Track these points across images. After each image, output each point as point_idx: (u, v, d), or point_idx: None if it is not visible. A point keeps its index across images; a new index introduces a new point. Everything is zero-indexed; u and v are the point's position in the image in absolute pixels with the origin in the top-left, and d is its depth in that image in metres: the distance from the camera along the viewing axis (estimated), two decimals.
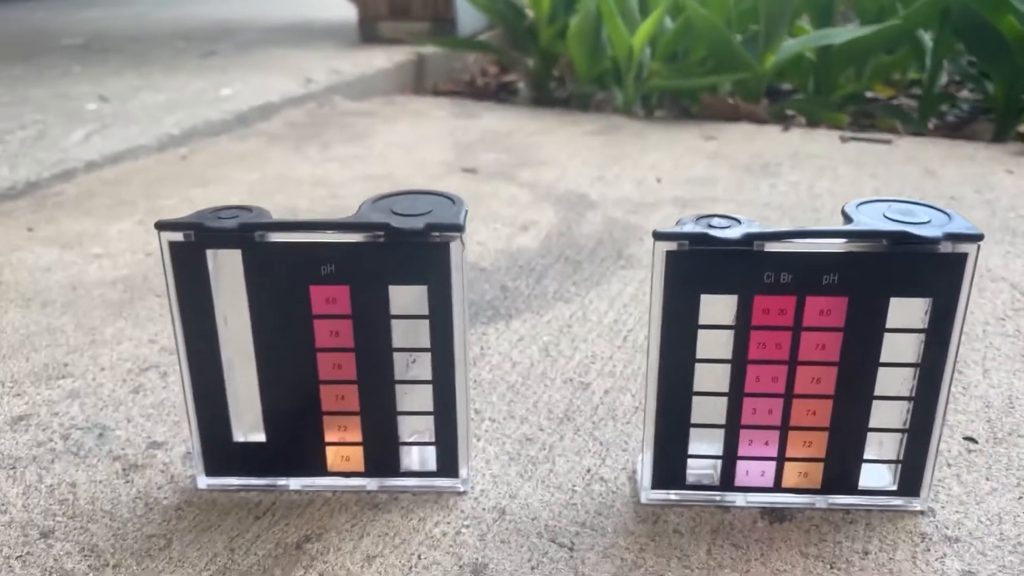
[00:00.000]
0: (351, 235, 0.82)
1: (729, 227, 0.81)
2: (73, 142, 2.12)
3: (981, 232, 0.80)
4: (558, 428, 1.04)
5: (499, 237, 1.61)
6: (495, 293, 1.39)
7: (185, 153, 2.16)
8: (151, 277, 1.45)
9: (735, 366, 0.85)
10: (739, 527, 0.87)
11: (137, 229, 1.67)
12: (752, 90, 2.58)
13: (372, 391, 0.88)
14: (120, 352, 1.22)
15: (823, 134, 2.38)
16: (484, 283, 1.42)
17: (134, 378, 1.15)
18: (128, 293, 1.40)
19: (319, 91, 2.71)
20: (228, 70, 2.94)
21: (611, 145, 2.27)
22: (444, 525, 0.88)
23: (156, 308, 1.34)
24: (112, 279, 1.45)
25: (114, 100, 2.54)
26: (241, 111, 2.44)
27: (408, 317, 0.85)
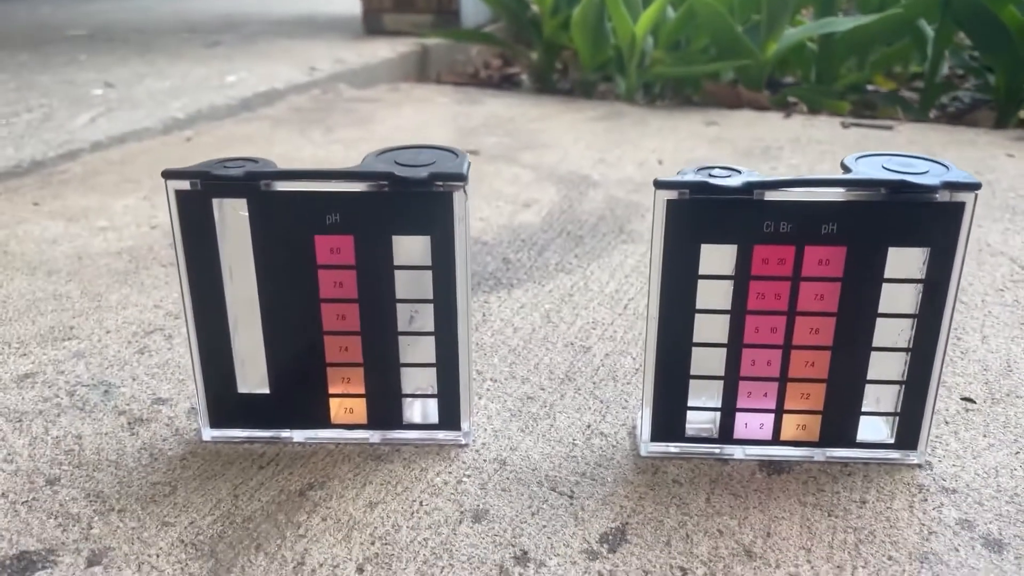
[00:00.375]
0: (356, 184, 0.82)
1: (729, 176, 0.81)
2: (79, 124, 2.12)
3: (978, 181, 0.80)
4: (559, 387, 1.04)
5: (501, 213, 1.61)
6: (497, 265, 1.39)
7: (190, 135, 2.15)
8: (156, 248, 1.45)
9: (734, 317, 0.85)
10: (737, 478, 0.87)
11: (142, 204, 1.67)
12: (754, 78, 2.58)
13: (375, 343, 0.88)
14: (125, 316, 1.22)
15: (824, 120, 2.38)
16: (486, 256, 1.42)
17: (139, 340, 1.15)
18: (133, 263, 1.40)
19: (323, 79, 2.71)
20: (233, 59, 2.94)
21: (613, 130, 2.27)
22: (446, 475, 0.88)
23: (162, 276, 1.34)
24: (117, 250, 1.45)
25: (119, 86, 2.53)
26: (246, 96, 2.44)
27: (411, 268, 0.85)
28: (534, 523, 0.81)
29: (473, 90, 2.79)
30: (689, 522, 0.82)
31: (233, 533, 0.80)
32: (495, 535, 0.80)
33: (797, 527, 0.81)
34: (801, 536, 0.80)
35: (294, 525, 0.81)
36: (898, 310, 0.84)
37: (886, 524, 0.82)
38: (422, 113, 2.45)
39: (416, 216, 0.83)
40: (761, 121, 2.36)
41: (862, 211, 0.80)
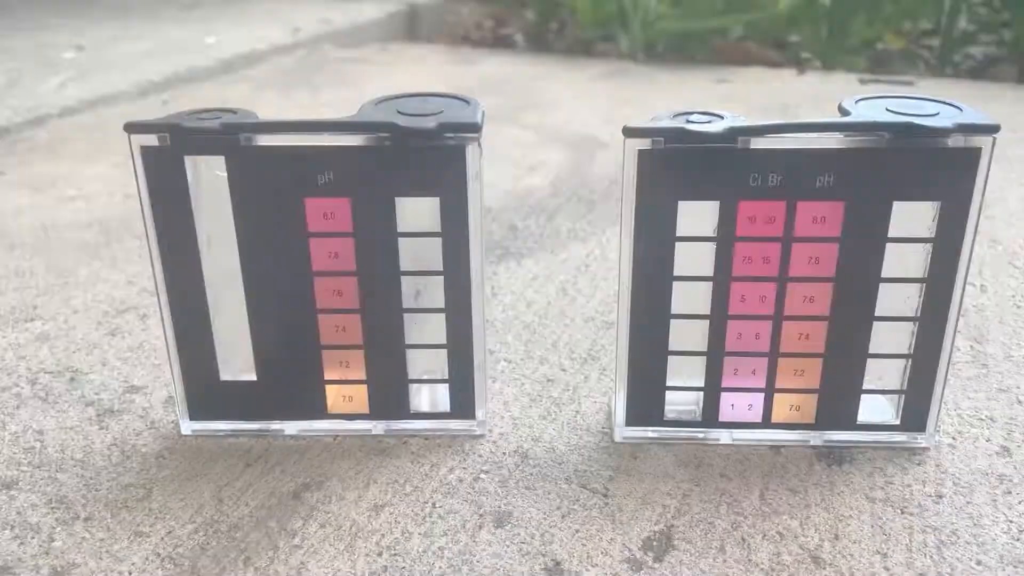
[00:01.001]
0: (352, 137, 0.74)
1: (710, 122, 0.73)
2: (48, 89, 2.06)
3: (997, 123, 0.72)
4: (582, 368, 0.97)
5: (505, 177, 1.55)
6: (504, 232, 1.32)
7: (167, 99, 2.09)
8: (130, 219, 1.37)
9: (718, 284, 0.78)
10: (793, 470, 0.80)
11: (115, 172, 1.59)
12: (765, 35, 2.52)
13: (377, 321, 0.81)
14: (95, 294, 1.14)
15: (840, 77, 2.33)
16: (492, 222, 1.36)
17: (110, 320, 1.07)
18: (104, 235, 1.32)
19: (308, 40, 2.65)
20: (212, 20, 2.88)
21: (619, 89, 2.22)
22: (460, 471, 0.81)
23: (135, 250, 1.26)
24: (87, 221, 1.37)
25: (92, 49, 2.47)
26: (226, 58, 2.38)
27: (418, 235, 0.78)
28: (565, 527, 0.74)
29: (466, 50, 2.75)
30: (744, 523, 0.74)
31: (217, 544, 0.73)
32: (521, 542, 0.72)
33: (868, 527, 0.74)
34: (874, 538, 0.72)
35: (288, 533, 0.74)
36: (904, 274, 0.77)
37: (969, 522, 0.74)
38: (414, 74, 2.40)
39: (423, 174, 0.75)
40: (774, 78, 2.31)
41: (862, 160, 0.73)
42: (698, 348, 0.81)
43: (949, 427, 0.86)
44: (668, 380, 0.82)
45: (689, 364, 0.82)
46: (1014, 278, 1.16)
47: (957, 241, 0.75)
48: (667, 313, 0.79)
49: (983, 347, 0.99)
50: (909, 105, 0.76)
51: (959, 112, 0.74)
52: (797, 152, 0.73)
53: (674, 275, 0.77)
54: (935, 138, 0.72)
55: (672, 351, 0.81)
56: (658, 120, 0.74)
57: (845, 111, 0.75)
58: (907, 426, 0.83)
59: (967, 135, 0.72)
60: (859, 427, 0.83)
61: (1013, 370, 0.95)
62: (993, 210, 1.38)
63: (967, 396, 0.91)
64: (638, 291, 0.78)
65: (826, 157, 0.73)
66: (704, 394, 0.82)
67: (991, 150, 0.72)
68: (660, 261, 0.77)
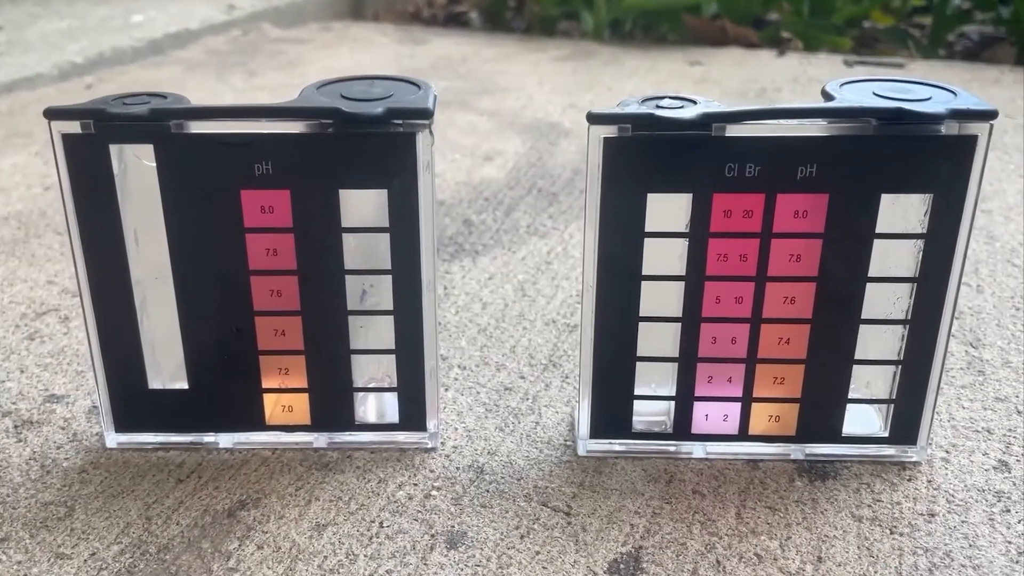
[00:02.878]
0: (291, 124, 0.74)
1: (682, 108, 0.73)
2: None
3: (994, 108, 0.72)
4: (543, 375, 0.97)
5: (459, 168, 1.55)
6: (458, 228, 1.32)
7: (91, 82, 2.08)
8: (51, 213, 1.37)
9: (690, 284, 0.78)
10: (772, 487, 0.81)
11: (34, 161, 1.58)
12: (741, 12, 2.53)
13: (319, 325, 0.81)
14: (12, 295, 1.13)
15: (824, 59, 2.34)
16: (444, 217, 1.36)
17: (29, 323, 1.07)
18: (23, 230, 1.31)
19: (244, 17, 2.65)
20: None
21: (583, 71, 2.22)
22: (410, 487, 0.81)
23: (56, 247, 1.26)
24: (3, 215, 1.37)
25: (9, 28, 2.45)
26: (154, 38, 2.36)
27: (364, 230, 0.78)
28: (524, 548, 0.74)
29: (417, 29, 2.75)
30: (719, 545, 0.74)
31: (146, 567, 0.73)
32: (476, 565, 0.73)
33: (854, 549, 0.74)
34: (860, 561, 0.73)
35: (223, 555, 0.73)
36: (893, 273, 0.77)
37: (964, 543, 0.75)
38: (360, 55, 2.39)
39: (369, 164, 0.75)
40: (752, 59, 2.32)
41: (848, 149, 0.73)
42: (669, 353, 0.81)
43: (942, 439, 0.86)
44: (636, 388, 0.82)
45: (659, 371, 0.82)
46: (1013, 277, 1.17)
47: (951, 237, 0.75)
48: (635, 315, 0.79)
49: (979, 352, 1.00)
50: (899, 89, 0.76)
51: (953, 97, 0.74)
52: (776, 140, 0.73)
53: (643, 274, 0.77)
54: (927, 125, 0.72)
55: (641, 357, 0.81)
56: (625, 105, 0.74)
57: (829, 96, 0.76)
58: (896, 438, 0.83)
59: (962, 122, 0.72)
60: (844, 439, 0.83)
61: (1012, 377, 0.96)
62: (990, 203, 1.39)
63: (962, 406, 0.91)
64: (604, 291, 0.78)
65: (808, 146, 0.73)
66: (675, 404, 0.83)
67: (988, 138, 0.72)
68: (628, 259, 0.77)
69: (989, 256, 1.22)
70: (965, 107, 0.72)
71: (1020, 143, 1.64)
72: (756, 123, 0.73)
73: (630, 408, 0.83)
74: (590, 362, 0.81)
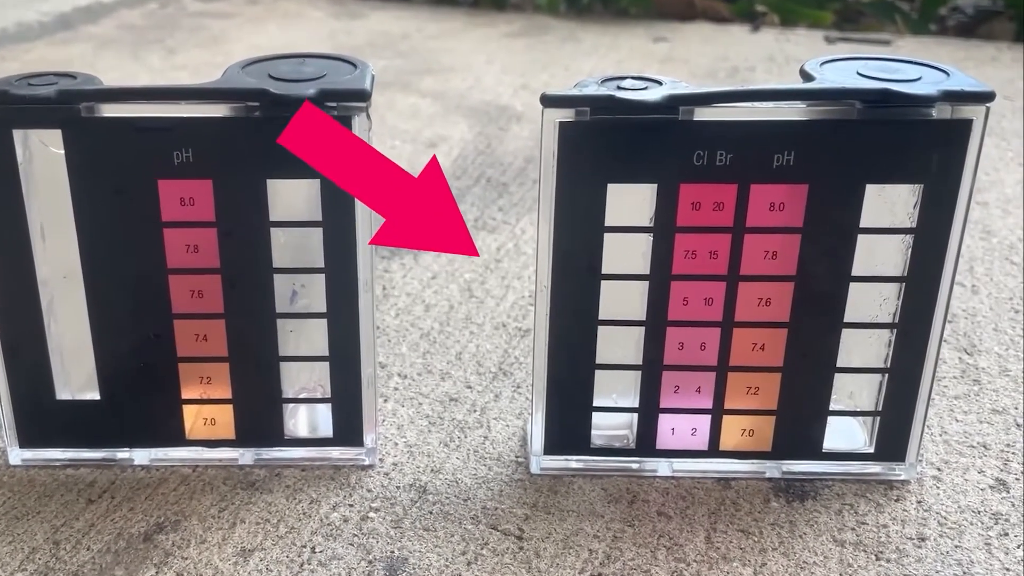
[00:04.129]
0: (214, 107, 0.74)
1: (646, 89, 0.73)
2: None
3: (990, 89, 0.72)
4: (492, 385, 0.98)
5: (399, 156, 1.56)
6: None
7: None
8: None
9: (655, 283, 0.78)
10: (746, 508, 0.81)
11: None
12: None
13: (245, 329, 0.81)
14: None
15: (803, 35, 2.36)
16: None
17: None
18: None
19: None
20: None
21: (536, 48, 2.23)
22: (345, 508, 0.81)
23: None
24: None
25: None
26: (63, 12, 2.36)
27: (294, 224, 0.78)
28: None
29: (353, 3, 2.74)
30: (687, 572, 0.75)
31: None
32: None
33: None
34: None
35: None
36: (880, 272, 0.78)
37: (958, 570, 0.75)
38: (290, 30, 2.40)
39: None
40: (723, 36, 2.33)
41: (829, 135, 0.73)
42: (631, 361, 0.81)
43: (933, 456, 0.87)
44: (595, 399, 0.82)
45: (621, 380, 0.82)
46: (1011, 277, 1.18)
47: (943, 232, 0.76)
48: (594, 318, 0.79)
49: (974, 359, 1.01)
50: (885, 68, 0.76)
51: (945, 77, 0.75)
52: (750, 125, 0.73)
53: (603, 273, 0.78)
54: (916, 108, 0.72)
55: (600, 364, 0.81)
56: (583, 87, 0.74)
57: (808, 76, 0.76)
58: (883, 454, 0.84)
59: (955, 104, 0.72)
60: (825, 456, 0.84)
61: (1010, 387, 0.97)
62: (986, 195, 1.40)
63: (955, 418, 0.92)
64: (559, 292, 0.78)
65: (785, 131, 0.73)
66: (639, 416, 0.83)
67: (983, 122, 0.72)
68: (586, 256, 0.77)
69: (985, 253, 1.23)
70: (959, 88, 0.72)
71: (1019, 128, 1.65)
72: (727, 106, 0.73)
73: (588, 421, 0.83)
74: (544, 370, 0.81)
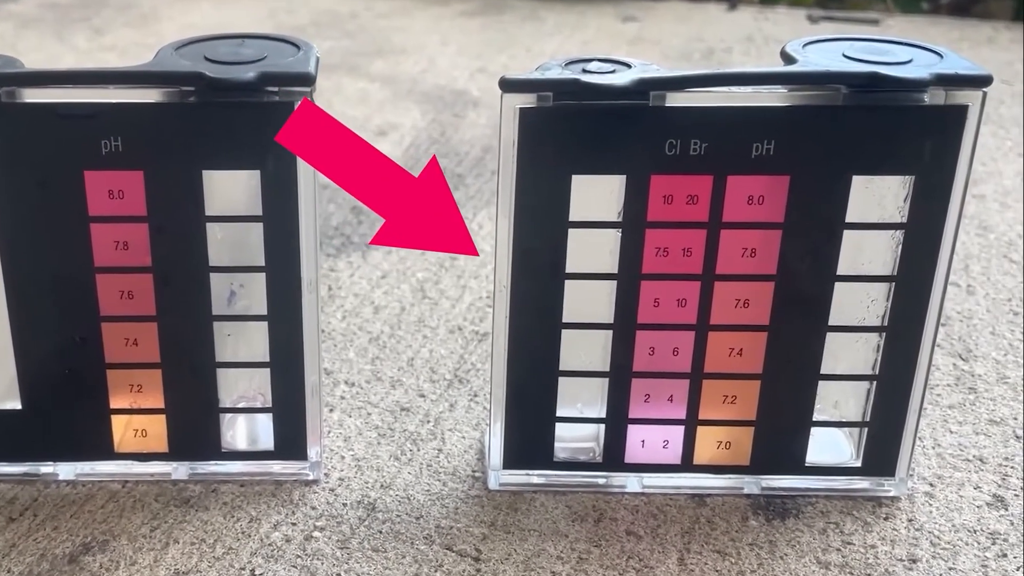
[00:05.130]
0: (145, 92, 0.74)
1: (614, 72, 0.72)
2: None
3: (987, 72, 0.72)
4: (447, 393, 0.98)
5: None
6: (345, 216, 1.33)
7: None
8: None
9: (624, 283, 0.78)
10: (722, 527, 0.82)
11: None
12: None
13: (179, 333, 0.81)
14: None
15: (783, 13, 2.37)
16: (328, 203, 1.36)
17: None
18: None
19: None
20: None
21: (495, 28, 2.23)
22: (287, 527, 0.81)
23: None
24: None
25: None
26: None
27: (233, 219, 0.78)
28: None
29: None
30: None
31: None
32: None
33: None
34: None
35: None
36: (867, 271, 0.78)
37: None
38: (227, 8, 2.39)
39: (239, 140, 0.75)
40: (698, 15, 2.34)
41: (812, 122, 0.73)
42: (598, 367, 0.81)
43: (926, 470, 0.87)
44: (559, 409, 0.82)
45: (586, 388, 0.82)
46: (1010, 276, 1.18)
47: (936, 227, 0.76)
48: (558, 321, 0.79)
49: (970, 366, 1.01)
50: (873, 50, 0.76)
51: (938, 59, 0.75)
52: (727, 112, 0.73)
53: (567, 272, 0.77)
54: (907, 93, 0.72)
55: (564, 371, 0.81)
56: (546, 70, 0.74)
57: (790, 58, 0.76)
58: (871, 469, 0.84)
59: (949, 89, 0.72)
60: (808, 470, 0.84)
61: (1008, 395, 0.97)
62: (983, 187, 1.40)
63: (949, 430, 0.92)
64: (520, 292, 0.78)
65: (765, 118, 0.73)
66: (606, 427, 0.83)
67: (980, 108, 0.72)
68: (548, 253, 0.77)
69: (982, 250, 1.24)
70: (953, 72, 0.72)
71: (1018, 115, 1.66)
72: (702, 91, 0.72)
73: (551, 432, 0.83)
74: (503, 378, 0.81)
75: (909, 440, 0.82)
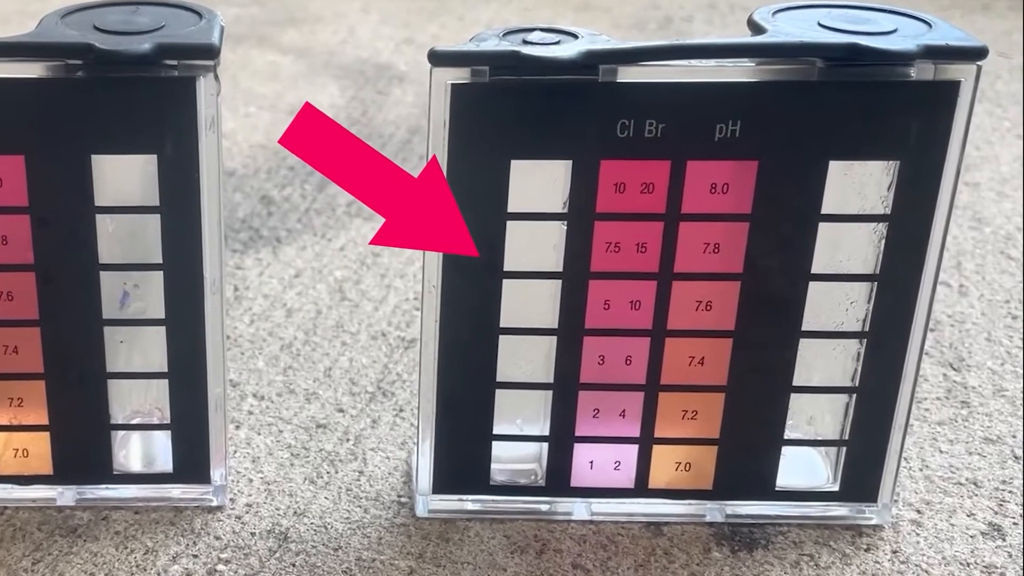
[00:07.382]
0: (26, 66, 0.74)
1: (558, 43, 0.72)
2: None
3: (982, 44, 0.72)
4: (368, 408, 0.98)
5: (255, 127, 1.55)
6: (253, 207, 1.33)
7: None
8: None
9: (570, 283, 0.78)
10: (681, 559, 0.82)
11: None
12: None
13: (65, 339, 0.81)
14: None
15: None
16: (234, 192, 1.36)
17: None
18: None
19: None
20: None
21: None
22: (188, 560, 0.81)
23: None
24: None
25: None
26: None
27: (126, 210, 0.78)
28: None
29: None
30: None
31: None
32: None
33: None
34: None
35: None
36: (846, 269, 0.78)
37: None
38: None
39: (132, 120, 0.75)
40: None
41: (783, 100, 0.74)
42: (541, 378, 0.81)
43: (912, 495, 0.88)
44: (496, 426, 0.83)
45: (528, 401, 0.82)
46: (1007, 274, 1.19)
47: (924, 220, 0.76)
48: (495, 326, 0.79)
49: (962, 376, 1.02)
50: (853, 18, 0.76)
51: (927, 29, 0.75)
52: (687, 88, 0.73)
53: (504, 270, 0.78)
54: (891, 67, 0.72)
55: (502, 383, 0.81)
56: (481, 41, 0.74)
57: (758, 27, 0.75)
58: (850, 494, 0.84)
59: (938, 62, 0.72)
60: (779, 495, 0.84)
61: (1006, 410, 0.98)
62: (977, 174, 1.41)
63: (939, 449, 0.93)
64: (452, 293, 0.78)
65: (730, 96, 0.73)
66: (549, 446, 0.83)
67: (974, 85, 0.72)
68: (484, 249, 0.77)
69: (976, 246, 1.24)
70: (943, 43, 0.72)
71: (1018, 92, 1.67)
72: (659, 65, 0.72)
73: (488, 452, 0.83)
74: (433, 390, 0.81)
75: (893, 461, 0.82)
